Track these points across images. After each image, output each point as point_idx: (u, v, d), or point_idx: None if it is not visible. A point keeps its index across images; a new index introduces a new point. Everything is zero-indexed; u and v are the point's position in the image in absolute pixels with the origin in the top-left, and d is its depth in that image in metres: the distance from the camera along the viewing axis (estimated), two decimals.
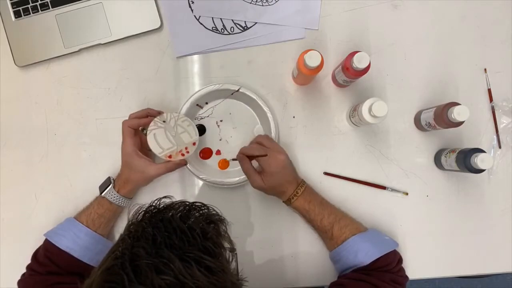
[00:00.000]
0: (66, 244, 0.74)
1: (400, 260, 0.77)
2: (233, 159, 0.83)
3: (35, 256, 0.76)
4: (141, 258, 0.42)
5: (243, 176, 0.81)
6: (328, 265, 0.83)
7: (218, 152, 0.87)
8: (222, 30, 0.88)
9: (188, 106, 0.84)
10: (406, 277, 0.77)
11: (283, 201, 0.80)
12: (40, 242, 0.84)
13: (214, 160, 0.87)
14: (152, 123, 0.76)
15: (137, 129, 0.77)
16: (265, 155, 0.76)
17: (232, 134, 0.87)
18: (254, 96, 0.84)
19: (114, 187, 0.78)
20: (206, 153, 0.87)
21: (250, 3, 0.88)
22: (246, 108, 0.87)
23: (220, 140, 0.87)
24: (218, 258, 0.46)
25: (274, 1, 0.89)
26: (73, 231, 0.75)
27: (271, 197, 0.81)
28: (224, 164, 0.87)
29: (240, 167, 0.80)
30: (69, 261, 0.74)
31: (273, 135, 0.83)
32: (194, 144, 0.78)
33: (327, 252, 0.82)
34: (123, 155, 0.77)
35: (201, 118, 0.87)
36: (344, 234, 0.76)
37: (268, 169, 0.76)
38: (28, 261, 0.77)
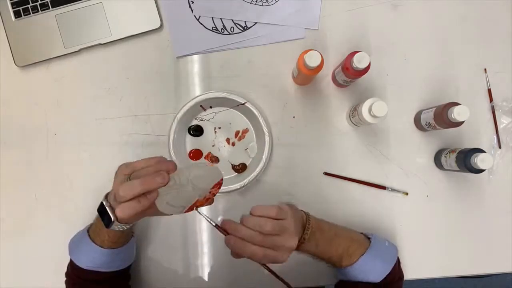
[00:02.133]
0: (87, 263, 0.71)
1: (399, 263, 0.76)
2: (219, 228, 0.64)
3: (67, 273, 0.75)
4: None
5: (237, 184, 0.82)
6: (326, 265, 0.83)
7: (208, 155, 0.87)
8: (222, 30, 0.88)
9: (191, 105, 0.84)
10: (403, 274, 0.77)
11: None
12: (40, 242, 0.85)
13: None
14: (163, 190, 0.59)
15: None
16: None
17: (226, 143, 0.87)
18: (257, 114, 0.84)
19: (117, 220, 0.63)
20: (195, 154, 0.87)
21: (250, 3, 0.88)
22: (246, 122, 0.87)
23: (213, 146, 0.87)
24: None
25: (274, 1, 0.89)
26: (89, 252, 0.71)
27: (267, 197, 0.81)
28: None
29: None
30: (98, 275, 0.71)
31: (264, 157, 0.83)
32: (217, 185, 0.64)
33: None
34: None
35: (201, 120, 0.87)
36: (353, 257, 0.72)
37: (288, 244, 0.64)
38: (28, 260, 0.77)
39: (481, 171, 0.75)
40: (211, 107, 0.87)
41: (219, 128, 0.87)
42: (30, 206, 0.86)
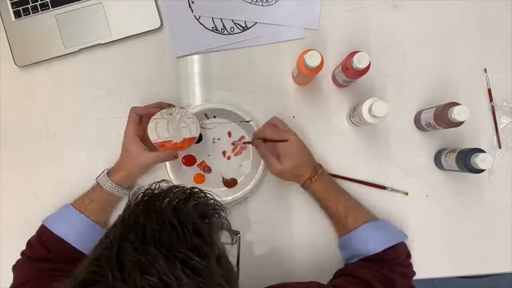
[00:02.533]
0: (60, 229, 0.74)
1: (408, 254, 0.77)
2: (246, 142, 0.85)
3: (29, 242, 0.77)
4: (127, 253, 0.40)
5: (236, 195, 0.82)
6: (327, 262, 0.83)
7: (201, 164, 0.87)
8: (222, 30, 0.88)
9: (195, 112, 0.83)
10: (414, 272, 0.77)
11: (300, 185, 0.80)
12: None
13: (194, 170, 0.87)
14: (158, 113, 0.77)
15: (142, 117, 0.78)
16: (286, 141, 0.76)
17: (222, 156, 0.87)
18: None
19: (107, 173, 0.79)
20: (189, 160, 0.86)
21: (250, 3, 0.88)
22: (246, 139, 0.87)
23: (209, 155, 0.87)
24: (207, 259, 0.43)
25: (274, 1, 0.89)
26: (68, 217, 0.76)
27: (269, 189, 0.82)
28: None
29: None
30: (63, 248, 0.74)
31: (257, 176, 0.83)
32: (191, 140, 0.78)
33: (326, 249, 0.83)
34: (123, 140, 0.79)
35: (202, 127, 0.86)
36: (357, 222, 0.76)
37: (286, 153, 0.76)
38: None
39: (481, 171, 0.75)
40: (214, 116, 0.86)
41: (218, 139, 0.87)
42: (30, 206, 0.86)
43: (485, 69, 0.88)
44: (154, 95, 0.87)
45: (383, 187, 0.86)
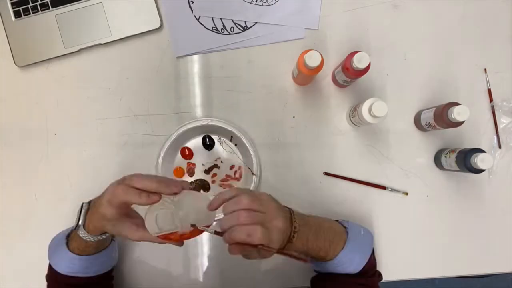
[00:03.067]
0: (65, 269, 0.71)
1: (373, 253, 0.73)
2: (217, 233, 0.61)
3: (47, 276, 0.75)
4: None
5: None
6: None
7: (191, 164, 0.86)
8: (222, 30, 0.88)
9: (197, 126, 0.83)
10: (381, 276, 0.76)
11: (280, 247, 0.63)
12: (39, 243, 0.84)
13: (182, 162, 0.86)
14: (158, 203, 0.59)
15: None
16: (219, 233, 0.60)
17: (210, 175, 0.87)
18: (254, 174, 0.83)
19: (84, 225, 0.65)
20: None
21: (250, 3, 0.88)
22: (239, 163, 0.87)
23: (202, 165, 0.87)
24: None
25: (274, 1, 0.89)
26: (67, 259, 0.70)
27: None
28: (179, 172, 0.86)
29: None
30: (77, 279, 0.71)
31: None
32: (197, 232, 0.61)
33: None
34: (107, 198, 0.61)
35: (219, 141, 0.87)
36: (336, 251, 0.69)
37: (276, 237, 0.60)
38: (28, 260, 0.77)
39: (481, 171, 0.75)
40: (236, 145, 0.87)
41: (222, 162, 0.87)
42: (30, 206, 0.86)
43: (485, 69, 0.88)
44: (154, 95, 0.87)
45: (383, 187, 0.86)
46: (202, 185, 0.84)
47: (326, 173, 0.86)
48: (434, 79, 0.88)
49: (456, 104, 0.75)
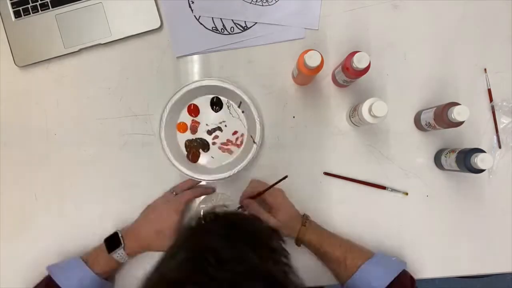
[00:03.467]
0: (71, 286, 0.72)
1: (412, 280, 0.75)
2: (239, 208, 0.81)
3: None
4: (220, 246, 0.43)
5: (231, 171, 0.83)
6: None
7: (195, 122, 0.87)
8: (222, 30, 0.88)
9: (195, 87, 0.84)
10: None
11: (295, 240, 0.79)
12: (40, 242, 0.84)
13: (186, 118, 0.87)
14: (202, 200, 0.83)
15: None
16: (273, 186, 0.76)
17: (212, 136, 0.87)
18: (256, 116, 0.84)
19: (124, 248, 0.76)
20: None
21: (250, 3, 0.88)
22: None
23: (206, 125, 0.87)
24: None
25: (274, 1, 0.89)
26: (80, 276, 0.73)
27: None
28: (182, 127, 0.87)
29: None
30: None
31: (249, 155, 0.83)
32: None
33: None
34: (163, 226, 0.76)
35: (228, 107, 0.87)
36: (356, 264, 0.74)
37: (275, 202, 0.77)
38: (28, 260, 0.77)
39: (481, 171, 0.75)
40: (243, 112, 0.87)
41: (225, 126, 0.87)
42: (30, 206, 0.86)
43: (485, 69, 0.88)
44: (154, 95, 0.87)
45: (383, 187, 0.86)
46: (202, 144, 0.86)
47: (326, 173, 0.86)
48: (434, 79, 0.88)
49: (456, 104, 0.75)
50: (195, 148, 0.86)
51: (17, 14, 0.87)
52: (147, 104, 0.87)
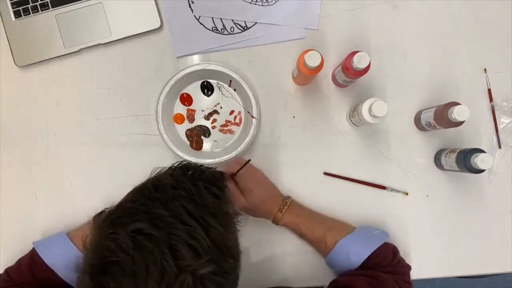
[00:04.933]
0: (53, 261, 0.72)
1: (395, 251, 0.76)
2: None
3: (19, 263, 0.75)
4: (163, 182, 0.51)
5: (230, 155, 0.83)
6: (327, 266, 0.83)
7: (191, 111, 0.87)
8: (222, 30, 0.88)
9: (195, 70, 0.84)
10: (408, 266, 0.77)
11: (272, 221, 0.79)
12: None
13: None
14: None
15: None
16: (249, 161, 0.77)
17: (210, 120, 0.88)
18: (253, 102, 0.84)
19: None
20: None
21: (250, 3, 0.88)
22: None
23: (202, 111, 0.88)
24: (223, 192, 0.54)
25: (274, 1, 0.89)
26: (64, 251, 0.74)
27: None
28: (179, 118, 0.87)
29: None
30: (49, 277, 0.72)
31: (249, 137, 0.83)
32: None
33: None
34: None
35: (220, 88, 0.88)
36: (336, 239, 0.75)
37: (247, 185, 0.77)
38: None
39: (481, 171, 0.75)
40: (235, 90, 0.87)
41: (221, 107, 0.87)
42: (30, 206, 0.86)
43: (485, 69, 0.88)
44: (154, 95, 0.87)
45: (383, 187, 0.86)
46: (202, 131, 0.87)
47: (326, 173, 0.86)
48: (434, 79, 0.88)
49: (456, 104, 0.75)
50: (197, 136, 0.87)
51: (17, 14, 0.87)
52: (147, 104, 0.87)
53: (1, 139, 0.87)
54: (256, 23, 0.88)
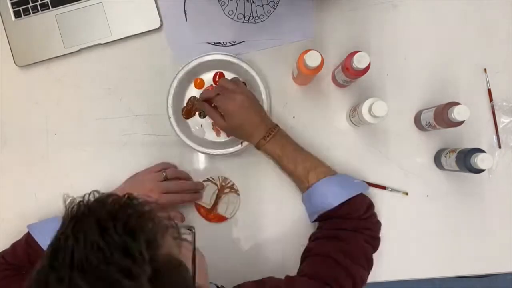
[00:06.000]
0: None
1: (369, 205, 0.77)
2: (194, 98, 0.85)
3: (14, 247, 0.76)
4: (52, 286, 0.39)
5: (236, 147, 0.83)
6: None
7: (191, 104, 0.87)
8: (225, 43, 0.88)
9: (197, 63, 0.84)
10: (378, 222, 0.78)
11: (254, 146, 0.79)
12: None
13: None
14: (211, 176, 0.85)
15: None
16: (217, 95, 0.78)
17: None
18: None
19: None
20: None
21: (243, 22, 0.88)
22: None
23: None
24: (137, 280, 0.39)
25: (265, 17, 0.88)
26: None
27: (267, 197, 0.80)
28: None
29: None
30: None
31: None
32: (221, 218, 0.85)
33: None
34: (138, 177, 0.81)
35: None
36: (317, 178, 0.77)
37: (225, 109, 0.77)
38: None
39: (481, 171, 0.75)
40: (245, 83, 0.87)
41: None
42: (30, 206, 0.86)
43: (485, 69, 0.88)
44: (154, 95, 0.87)
45: (383, 187, 0.86)
46: (201, 111, 0.87)
47: None
48: (434, 79, 0.88)
49: (456, 103, 0.75)
50: (195, 107, 0.86)
51: (17, 14, 0.87)
52: (147, 104, 0.87)
53: (1, 139, 0.87)
54: None
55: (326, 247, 0.72)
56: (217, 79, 0.86)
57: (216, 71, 0.87)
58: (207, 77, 0.87)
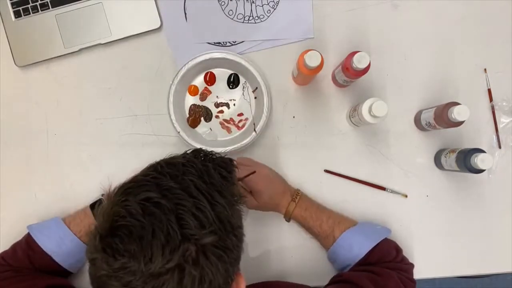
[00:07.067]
0: (50, 247, 0.73)
1: (398, 249, 0.77)
2: None
3: (15, 248, 0.76)
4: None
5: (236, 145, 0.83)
6: (327, 266, 0.83)
7: (206, 89, 0.87)
8: (224, 43, 0.88)
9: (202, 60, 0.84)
10: (411, 264, 0.77)
11: (284, 215, 0.80)
12: None
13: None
14: None
15: None
16: (254, 172, 0.76)
17: (217, 107, 0.88)
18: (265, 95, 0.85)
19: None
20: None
21: (242, 22, 0.88)
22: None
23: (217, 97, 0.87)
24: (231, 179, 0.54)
25: (266, 17, 0.88)
26: (59, 235, 0.75)
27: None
28: (193, 91, 0.87)
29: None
30: (47, 263, 0.73)
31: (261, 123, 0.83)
32: None
33: (321, 250, 0.83)
34: None
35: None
36: (339, 233, 0.76)
37: (256, 187, 0.77)
38: None
39: (481, 171, 0.75)
40: (255, 98, 0.87)
41: (234, 105, 0.87)
42: (30, 206, 0.86)
43: (485, 69, 0.88)
44: (154, 95, 0.87)
45: (383, 188, 0.86)
46: (206, 113, 0.87)
47: (326, 171, 0.86)
48: (434, 79, 0.88)
49: (456, 104, 0.75)
50: (198, 114, 0.87)
51: (17, 14, 0.87)
52: (147, 104, 0.87)
53: (1, 139, 0.87)
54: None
55: (359, 277, 0.69)
56: (207, 79, 0.87)
57: (209, 70, 0.87)
58: (220, 75, 0.87)
